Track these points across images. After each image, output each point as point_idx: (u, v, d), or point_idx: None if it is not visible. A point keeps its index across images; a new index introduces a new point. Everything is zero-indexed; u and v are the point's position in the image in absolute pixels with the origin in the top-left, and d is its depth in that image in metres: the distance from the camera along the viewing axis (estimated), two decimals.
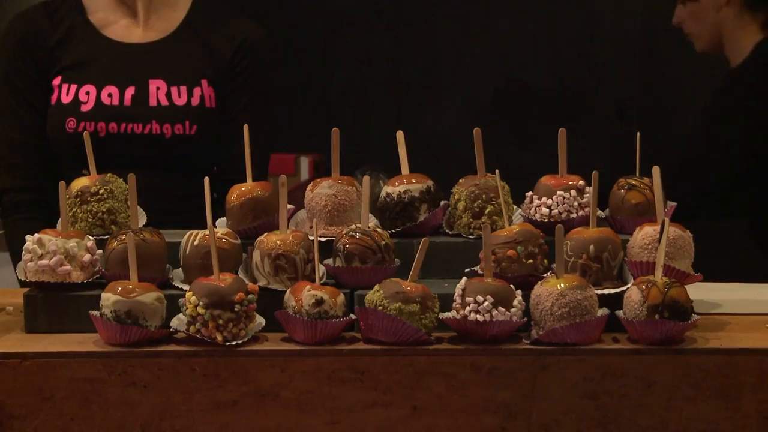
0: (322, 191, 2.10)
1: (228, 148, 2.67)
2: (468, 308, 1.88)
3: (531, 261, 1.99)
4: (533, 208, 2.13)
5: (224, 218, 2.16)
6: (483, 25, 5.22)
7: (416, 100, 5.22)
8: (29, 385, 1.86)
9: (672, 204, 2.14)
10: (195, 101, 2.66)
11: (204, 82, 2.67)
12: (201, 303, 1.86)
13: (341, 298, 1.91)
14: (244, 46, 2.71)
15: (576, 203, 2.11)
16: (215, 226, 2.06)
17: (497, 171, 2.10)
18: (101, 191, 2.13)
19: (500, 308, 1.87)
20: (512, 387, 1.87)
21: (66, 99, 2.63)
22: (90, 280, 2.01)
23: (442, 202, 2.15)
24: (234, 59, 2.70)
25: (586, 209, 2.10)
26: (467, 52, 5.22)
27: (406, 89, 5.25)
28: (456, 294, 1.90)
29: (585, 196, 2.12)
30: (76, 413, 1.87)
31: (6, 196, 2.63)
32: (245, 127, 2.16)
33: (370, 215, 2.08)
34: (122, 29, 2.69)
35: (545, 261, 2.01)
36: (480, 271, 1.98)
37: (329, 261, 2.03)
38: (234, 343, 1.87)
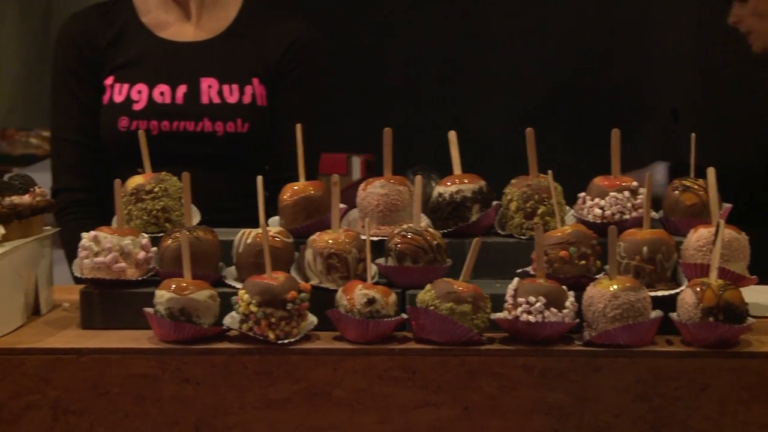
0: (374, 191, 2.11)
1: (278, 147, 2.69)
2: (520, 309, 1.87)
3: (583, 262, 1.98)
4: (586, 209, 2.12)
5: (277, 217, 2.17)
6: (536, 25, 5.20)
7: (469, 100, 5.21)
8: (85, 381, 1.89)
9: (727, 206, 2.13)
10: (247, 99, 2.67)
11: (255, 81, 2.68)
12: (254, 301, 1.87)
13: (393, 297, 1.92)
14: (295, 45, 2.72)
15: (629, 204, 2.10)
16: (268, 225, 2.07)
17: (550, 171, 2.10)
18: (156, 189, 2.15)
19: (552, 309, 1.87)
20: (564, 388, 1.86)
21: (118, 98, 2.65)
22: (144, 277, 2.03)
23: (494, 203, 2.14)
24: (284, 58, 2.71)
25: (640, 210, 2.08)
26: (520, 52, 5.21)
27: (458, 89, 5.24)
28: (508, 294, 1.90)
29: (638, 197, 2.10)
30: (130, 409, 1.89)
31: (60, 196, 2.66)
32: (298, 127, 2.17)
33: (422, 215, 2.08)
34: (174, 29, 2.71)
35: (598, 262, 2.00)
36: (532, 272, 1.98)
37: (381, 260, 2.03)
38: (286, 341, 1.88)
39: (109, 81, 2.67)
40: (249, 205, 2.41)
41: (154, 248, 2.06)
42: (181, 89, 2.65)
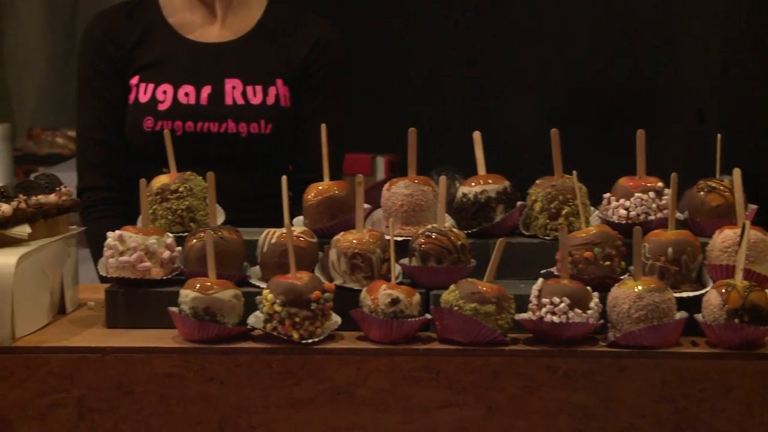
0: (398, 191, 2.11)
1: (302, 148, 2.69)
2: (544, 309, 1.87)
3: (608, 263, 1.97)
4: (611, 210, 2.11)
5: (301, 217, 2.17)
6: (560, 26, 5.19)
7: (493, 100, 5.20)
8: (109, 380, 1.90)
9: (753, 207, 2.12)
10: (270, 100, 2.67)
11: (279, 82, 2.69)
12: (278, 301, 1.87)
13: (417, 297, 1.92)
14: (318, 46, 2.72)
15: (654, 205, 2.09)
16: (292, 225, 2.07)
17: (575, 172, 2.09)
18: (181, 189, 2.16)
19: (577, 310, 1.86)
20: (588, 389, 1.86)
21: (143, 98, 2.66)
22: (169, 276, 2.04)
23: (519, 203, 2.14)
24: (308, 59, 2.71)
25: (665, 211, 2.08)
26: (545, 52, 5.20)
27: (483, 89, 5.24)
28: (532, 295, 1.89)
29: (663, 198, 2.10)
30: (155, 408, 1.89)
31: (85, 195, 2.67)
32: (322, 127, 2.17)
33: (446, 215, 2.08)
34: (199, 29, 2.72)
35: (622, 263, 2.00)
36: (556, 273, 1.97)
37: (405, 260, 2.03)
38: (310, 341, 1.88)
39: (134, 81, 2.68)
40: (272, 206, 2.41)
41: (179, 248, 2.07)
42: (206, 90, 2.66)
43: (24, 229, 2.01)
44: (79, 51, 2.76)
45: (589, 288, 1.90)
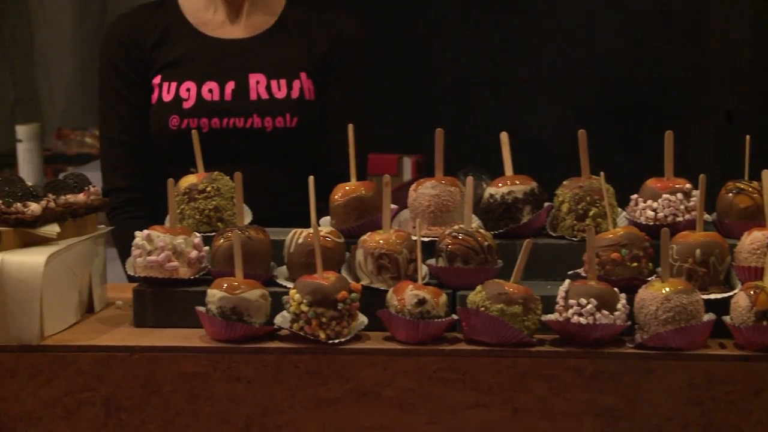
0: (425, 191, 2.11)
1: (324, 141, 2.70)
2: (571, 311, 1.86)
3: (636, 264, 1.97)
4: (638, 211, 2.10)
5: (328, 217, 2.18)
6: (587, 25, 5.17)
7: (520, 101, 5.19)
8: (137, 379, 1.90)
9: None
10: (295, 94, 2.68)
11: (303, 75, 2.70)
12: (305, 301, 1.88)
13: (443, 298, 1.92)
14: (340, 39, 2.73)
15: (682, 207, 2.08)
16: (319, 225, 2.07)
17: (602, 173, 2.09)
18: (208, 189, 2.16)
19: (604, 311, 1.86)
20: (615, 391, 1.85)
21: (167, 97, 2.66)
22: (196, 276, 2.05)
23: (546, 204, 2.14)
24: (330, 52, 2.72)
25: (693, 213, 2.07)
26: (572, 53, 5.18)
27: (510, 90, 5.23)
28: (559, 296, 1.89)
29: (691, 199, 2.09)
30: (182, 407, 1.90)
31: (111, 197, 2.68)
32: (350, 127, 2.17)
33: (473, 216, 2.08)
34: (220, 26, 2.72)
35: (650, 264, 1.99)
36: (583, 274, 1.97)
37: (432, 261, 2.03)
38: (337, 341, 1.89)
39: (156, 80, 2.68)
40: (298, 200, 2.42)
41: (206, 247, 2.08)
42: (230, 86, 2.67)
43: (53, 228, 2.03)
44: (100, 53, 2.76)
45: (616, 289, 1.90)
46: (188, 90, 2.65)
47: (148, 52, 2.69)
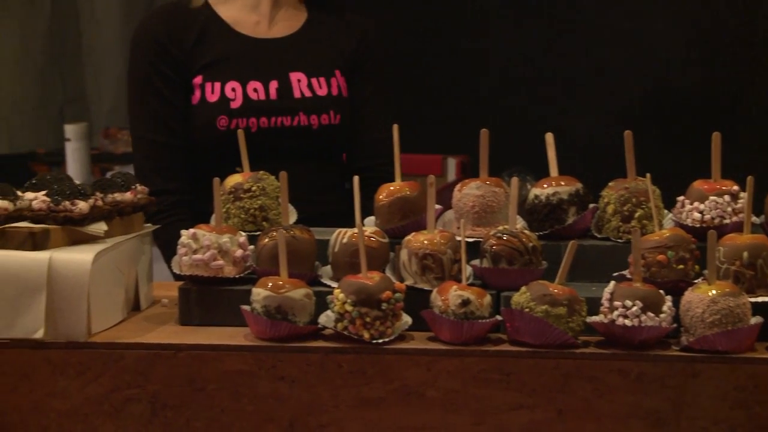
0: (470, 192, 2.11)
1: (354, 137, 2.73)
2: (616, 312, 1.86)
3: (682, 266, 1.95)
4: (685, 213, 2.09)
5: (372, 217, 2.18)
6: (634, 26, 5.14)
7: (566, 101, 5.17)
8: (182, 377, 1.92)
9: None
10: (334, 91, 2.70)
11: (338, 73, 2.72)
12: (349, 300, 1.88)
13: (488, 299, 1.91)
14: (366, 38, 2.77)
15: (729, 209, 2.07)
16: (364, 225, 2.08)
17: (648, 175, 2.07)
18: (254, 188, 2.17)
19: (649, 313, 1.85)
20: (660, 394, 1.84)
21: (212, 97, 2.65)
22: (242, 275, 2.06)
23: (591, 205, 2.13)
24: (358, 50, 2.75)
25: (740, 215, 2.05)
26: (619, 53, 5.15)
27: (555, 90, 5.20)
28: (604, 298, 1.88)
29: (739, 201, 2.07)
30: (226, 405, 1.91)
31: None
32: (395, 128, 2.18)
33: (517, 217, 2.07)
34: (253, 26, 2.73)
35: (696, 267, 1.98)
36: (629, 276, 1.96)
37: (476, 262, 2.03)
38: (380, 341, 1.89)
39: (198, 80, 2.66)
40: (340, 197, 2.43)
41: (252, 246, 2.09)
42: (273, 85, 2.67)
43: (100, 227, 2.04)
44: (134, 52, 2.72)
45: (662, 291, 1.89)
46: (233, 90, 2.66)
47: (188, 52, 2.67)
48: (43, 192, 2.03)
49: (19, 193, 2.05)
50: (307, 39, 2.73)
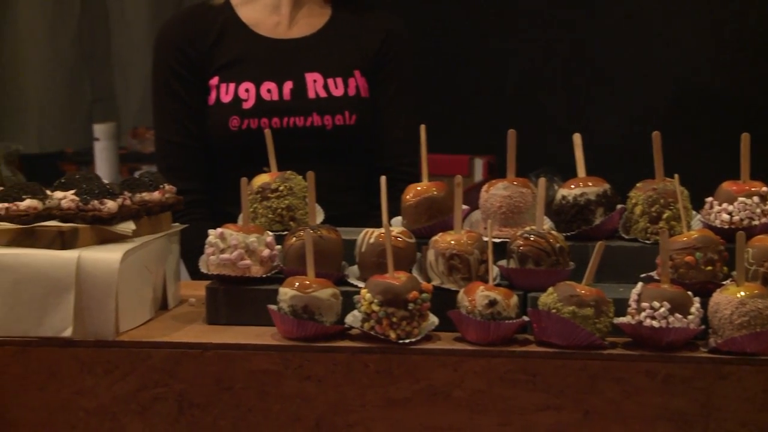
0: (497, 192, 2.10)
1: (378, 137, 2.72)
2: (644, 314, 1.85)
3: (710, 268, 1.95)
4: (713, 214, 2.08)
5: (399, 217, 2.18)
6: (663, 25, 5.12)
7: (593, 101, 5.16)
8: (209, 376, 1.92)
9: None
10: (351, 91, 2.70)
11: (357, 73, 2.72)
12: (376, 300, 1.88)
13: (514, 299, 1.91)
14: (390, 37, 2.76)
15: (758, 210, 2.05)
16: (390, 225, 2.08)
17: (676, 175, 2.07)
18: (281, 188, 2.18)
19: (677, 315, 1.84)
20: (688, 396, 1.83)
21: (226, 98, 2.67)
22: (269, 274, 2.06)
23: (619, 206, 2.12)
24: (381, 50, 2.74)
25: None
26: (647, 53, 5.13)
27: (583, 91, 5.19)
28: (631, 299, 1.88)
29: None
30: (253, 404, 1.92)
31: None
32: (422, 128, 2.18)
33: (545, 217, 2.07)
34: (273, 26, 2.74)
35: (725, 268, 1.97)
36: (656, 277, 1.95)
37: (503, 262, 2.03)
38: (407, 341, 1.89)
39: (214, 81, 2.69)
40: (360, 198, 2.43)
41: (279, 246, 2.09)
42: (288, 85, 2.68)
43: (128, 226, 2.05)
44: (155, 54, 2.77)
45: (690, 293, 1.88)
46: (247, 90, 2.67)
47: (205, 54, 2.70)
48: (72, 191, 2.04)
49: (48, 192, 2.06)
50: (327, 39, 2.74)
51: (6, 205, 2.01)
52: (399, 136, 2.71)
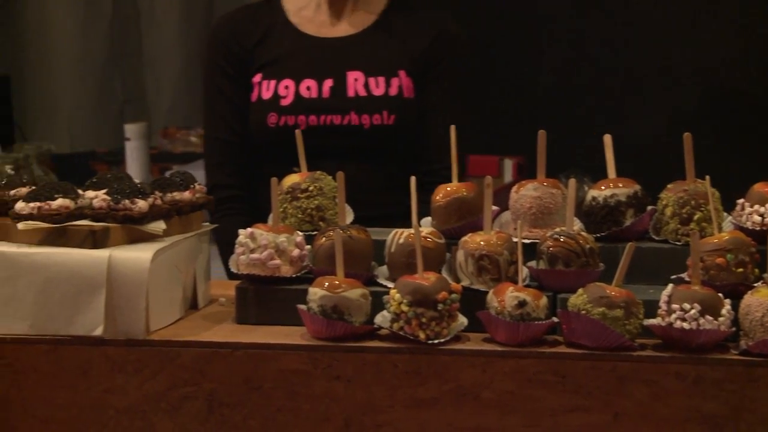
0: (527, 193, 2.10)
1: (423, 140, 2.71)
2: (674, 315, 1.84)
3: (741, 269, 1.93)
4: (745, 216, 2.07)
5: (429, 218, 2.18)
6: (694, 26, 5.10)
7: (624, 102, 5.14)
8: (239, 375, 1.93)
9: None
10: (393, 91, 2.68)
11: (402, 73, 2.70)
12: (405, 301, 1.88)
13: (544, 300, 1.91)
14: (441, 38, 2.73)
15: None
16: (420, 225, 2.08)
17: (707, 177, 2.06)
18: (311, 188, 2.18)
19: (707, 317, 1.83)
20: (719, 398, 1.82)
21: (266, 95, 2.69)
22: (298, 274, 2.06)
23: (649, 208, 2.11)
24: (430, 50, 2.72)
25: None
26: (678, 54, 5.11)
27: (613, 91, 5.17)
28: (662, 300, 1.87)
29: None
30: (282, 404, 1.92)
31: (213, 193, 2.72)
32: (452, 128, 2.18)
33: (575, 218, 2.06)
34: (321, 26, 2.74)
35: (756, 270, 1.95)
36: (687, 279, 1.94)
37: (533, 263, 2.02)
38: (436, 341, 1.89)
39: (257, 78, 2.71)
40: (394, 199, 2.42)
41: (308, 246, 2.10)
42: (328, 83, 2.68)
43: (159, 225, 2.06)
44: (206, 53, 2.82)
45: (720, 295, 1.87)
46: (287, 87, 2.68)
47: (250, 52, 2.73)
48: (104, 191, 2.06)
49: (80, 191, 2.08)
50: (373, 38, 2.73)
51: (38, 204, 2.02)
52: (444, 138, 2.69)
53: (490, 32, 5.13)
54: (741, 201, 2.09)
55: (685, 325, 1.83)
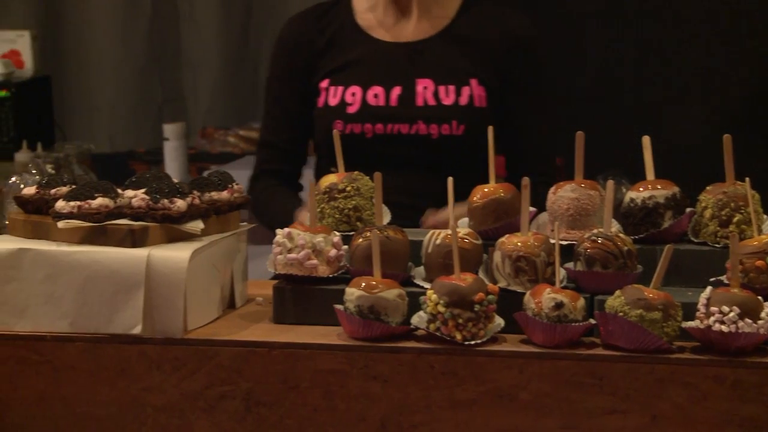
0: (565, 194, 2.09)
1: (512, 147, 2.67)
2: (712, 318, 1.83)
3: None
4: None
5: (466, 219, 2.18)
6: (735, 27, 5.06)
7: (663, 104, 5.11)
8: (276, 374, 1.94)
9: None
10: (463, 101, 2.62)
11: (473, 82, 2.63)
12: (441, 301, 1.88)
13: (581, 302, 1.90)
14: (519, 44, 2.67)
15: None
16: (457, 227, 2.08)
17: (747, 179, 2.04)
18: (348, 188, 2.18)
19: (747, 320, 1.82)
20: (758, 401, 1.81)
21: (333, 101, 2.65)
22: (335, 274, 2.07)
23: (688, 210, 2.10)
24: (507, 56, 2.66)
25: None
26: (718, 55, 5.07)
27: (652, 93, 5.14)
28: (700, 303, 1.86)
29: None
30: (319, 404, 1.93)
31: (257, 177, 2.74)
32: (489, 129, 2.17)
33: (612, 220, 2.06)
34: (390, 29, 2.69)
35: None
36: (726, 281, 1.93)
37: (570, 265, 2.02)
38: (473, 342, 1.89)
39: (324, 84, 2.67)
40: None
41: (346, 246, 2.10)
42: (396, 91, 2.63)
43: (197, 225, 2.07)
44: (272, 53, 2.80)
45: (760, 298, 1.85)
46: (353, 95, 2.64)
47: (316, 57, 2.69)
48: (143, 190, 2.07)
49: (119, 191, 2.09)
50: (445, 43, 2.66)
51: (78, 203, 2.04)
52: (533, 143, 2.65)
53: None
54: None
55: (724, 328, 1.82)
